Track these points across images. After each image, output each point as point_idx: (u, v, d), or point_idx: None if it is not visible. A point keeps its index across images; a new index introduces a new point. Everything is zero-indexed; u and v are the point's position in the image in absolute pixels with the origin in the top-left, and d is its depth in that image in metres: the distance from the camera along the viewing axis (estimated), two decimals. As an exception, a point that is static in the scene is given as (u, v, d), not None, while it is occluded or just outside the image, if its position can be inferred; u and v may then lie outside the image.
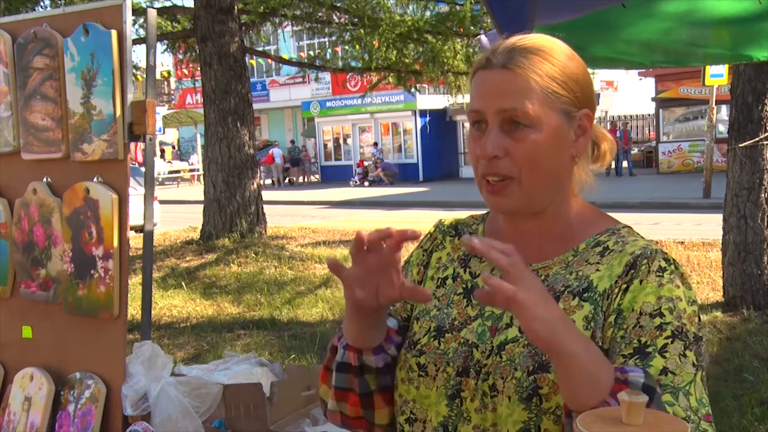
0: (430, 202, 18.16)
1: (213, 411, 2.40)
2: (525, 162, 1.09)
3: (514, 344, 1.09)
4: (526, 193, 1.11)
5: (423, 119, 25.91)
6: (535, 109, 1.07)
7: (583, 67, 1.14)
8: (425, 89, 22.48)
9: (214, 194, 10.95)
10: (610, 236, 1.16)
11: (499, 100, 1.08)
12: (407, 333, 1.23)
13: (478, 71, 1.12)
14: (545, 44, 1.11)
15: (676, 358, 1.02)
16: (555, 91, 1.09)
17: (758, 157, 6.00)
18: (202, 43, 10.75)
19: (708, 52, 3.88)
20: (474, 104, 1.11)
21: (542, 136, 1.08)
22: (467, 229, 1.29)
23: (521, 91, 1.07)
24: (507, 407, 1.07)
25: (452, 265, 1.24)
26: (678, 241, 9.77)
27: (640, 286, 1.07)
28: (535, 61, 1.08)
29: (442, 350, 1.15)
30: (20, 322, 2.53)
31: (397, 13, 12.07)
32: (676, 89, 21.13)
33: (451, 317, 1.18)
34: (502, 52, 1.10)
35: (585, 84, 1.13)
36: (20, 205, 2.49)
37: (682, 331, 1.04)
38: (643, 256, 1.09)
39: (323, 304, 7.46)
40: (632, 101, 38.73)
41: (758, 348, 5.23)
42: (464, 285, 1.21)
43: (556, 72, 1.09)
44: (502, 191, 1.11)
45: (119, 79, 2.25)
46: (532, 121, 1.07)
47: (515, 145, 1.08)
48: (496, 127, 1.09)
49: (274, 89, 31.50)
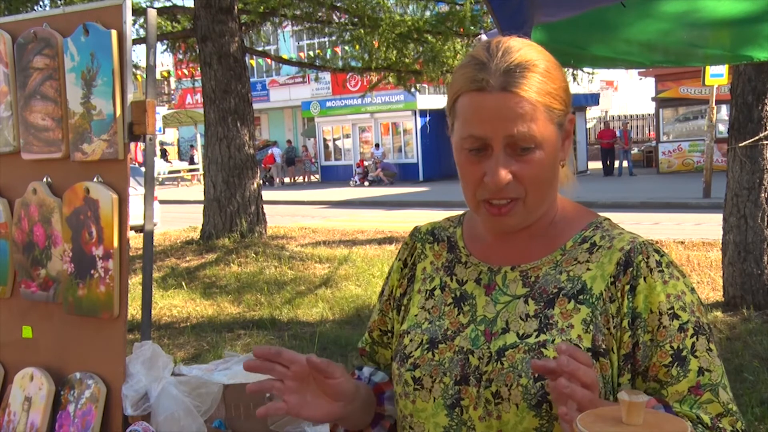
0: (430, 202, 18.15)
1: (213, 411, 2.40)
2: (531, 182, 1.08)
3: (514, 350, 1.08)
4: (530, 210, 1.11)
5: (423, 119, 25.90)
6: (539, 129, 1.06)
7: (563, 72, 1.15)
8: (425, 89, 22.47)
9: (214, 194, 10.95)
10: (595, 230, 1.16)
11: (504, 126, 1.05)
12: (396, 347, 1.23)
13: (472, 93, 1.07)
14: (533, 57, 1.08)
15: (706, 354, 1.05)
16: (553, 107, 1.08)
17: (758, 157, 6.00)
18: (202, 42, 10.74)
19: (708, 53, 3.88)
20: (476, 130, 1.07)
21: (545, 153, 1.08)
22: (444, 233, 1.27)
23: (526, 114, 1.05)
24: (515, 415, 1.06)
25: (438, 275, 1.23)
26: (678, 241, 9.77)
27: (647, 285, 1.08)
28: (534, 80, 1.06)
29: (437, 361, 1.14)
30: (20, 322, 2.53)
31: (397, 13, 12.07)
32: (676, 89, 21.12)
33: (443, 328, 1.16)
34: (497, 74, 1.06)
35: (568, 89, 1.13)
36: (20, 205, 2.49)
37: (700, 325, 1.07)
38: (635, 252, 1.10)
39: (323, 304, 7.46)
40: (632, 101, 38.77)
41: (758, 348, 5.23)
42: (453, 294, 1.19)
43: (551, 87, 1.08)
44: (509, 212, 1.10)
45: (119, 79, 2.25)
46: (537, 142, 1.07)
47: (522, 167, 1.07)
48: (501, 151, 1.07)
49: (274, 89, 31.50)
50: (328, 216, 16.64)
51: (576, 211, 1.20)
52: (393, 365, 1.21)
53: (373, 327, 1.33)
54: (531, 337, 1.08)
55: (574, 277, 1.11)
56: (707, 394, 1.03)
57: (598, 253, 1.12)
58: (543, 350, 1.06)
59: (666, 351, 1.05)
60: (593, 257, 1.12)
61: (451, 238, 1.26)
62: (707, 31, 3.51)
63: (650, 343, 1.06)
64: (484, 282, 1.17)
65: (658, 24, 3.42)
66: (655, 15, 3.32)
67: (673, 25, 3.41)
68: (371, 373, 1.30)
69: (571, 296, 1.10)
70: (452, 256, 1.23)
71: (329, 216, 16.64)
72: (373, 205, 18.89)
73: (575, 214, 1.20)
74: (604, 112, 35.65)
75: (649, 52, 3.71)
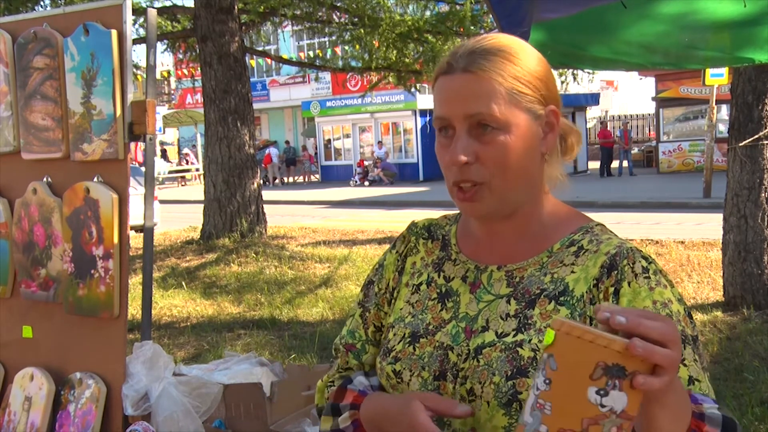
0: (430, 201, 18.14)
1: (213, 411, 2.40)
2: (495, 165, 1.08)
3: (491, 348, 1.08)
4: (498, 197, 1.10)
5: (423, 119, 25.89)
6: (501, 110, 1.06)
7: (545, 65, 1.13)
8: (425, 89, 22.41)
9: (214, 194, 10.96)
10: (584, 235, 1.15)
11: (464, 105, 1.07)
12: (382, 341, 1.22)
13: (440, 76, 1.11)
14: (506, 44, 1.10)
15: (693, 364, 1.02)
16: (519, 91, 1.08)
17: (758, 157, 5.99)
18: (202, 42, 10.74)
19: (707, 55, 3.87)
20: (439, 111, 1.10)
21: (511, 137, 1.07)
22: (440, 232, 1.27)
23: (486, 93, 1.06)
24: (486, 412, 1.06)
25: (426, 271, 1.23)
26: (678, 240, 9.77)
27: (631, 290, 1.06)
28: (497, 62, 1.07)
29: (417, 355, 1.14)
30: (20, 321, 2.53)
31: (397, 12, 12.07)
32: (676, 89, 21.12)
33: (425, 322, 1.17)
34: (462, 56, 1.08)
35: (549, 81, 1.13)
36: (20, 205, 2.49)
37: (686, 336, 1.04)
38: (620, 256, 1.08)
39: (323, 303, 7.46)
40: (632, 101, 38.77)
41: (758, 347, 5.23)
42: (438, 290, 1.19)
43: (518, 71, 1.08)
44: (474, 197, 1.10)
45: (119, 79, 2.26)
46: (499, 123, 1.06)
47: (485, 148, 1.07)
48: (464, 132, 1.08)
49: (274, 89, 31.50)
50: (328, 216, 16.64)
51: (568, 215, 1.19)
52: (377, 359, 1.21)
53: (368, 323, 1.27)
54: (509, 336, 1.08)
55: (558, 279, 1.10)
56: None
57: (584, 256, 1.11)
58: (519, 349, 1.05)
59: None
60: (579, 260, 1.11)
61: (446, 236, 1.26)
62: (707, 33, 3.51)
63: None
64: (470, 280, 1.17)
65: (658, 26, 3.42)
66: (654, 17, 3.32)
67: (672, 26, 3.41)
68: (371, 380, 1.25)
69: (552, 297, 1.09)
70: (443, 254, 1.23)
71: (329, 216, 16.64)
72: (373, 205, 18.89)
73: (567, 217, 1.18)
74: (605, 112, 35.65)
75: (649, 53, 3.71)
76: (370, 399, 1.17)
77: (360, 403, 1.18)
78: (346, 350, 1.28)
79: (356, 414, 1.18)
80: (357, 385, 1.23)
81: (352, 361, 1.28)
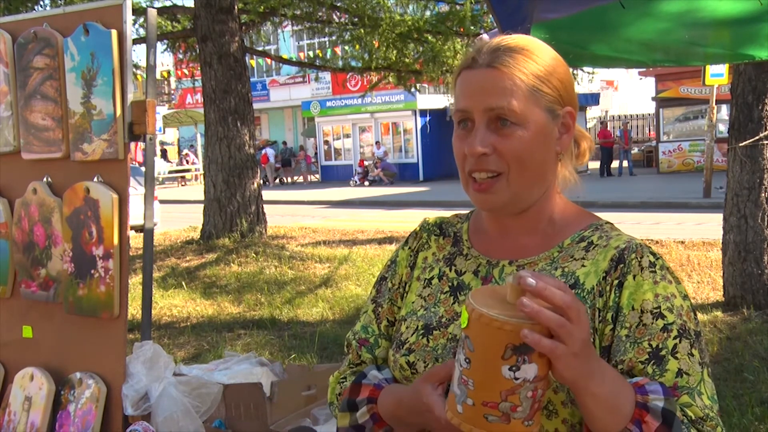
0: (430, 201, 18.15)
1: (213, 411, 2.40)
2: (513, 158, 1.10)
3: None
4: (513, 190, 1.13)
5: (423, 119, 25.90)
6: (520, 106, 1.09)
7: (565, 67, 1.17)
8: (425, 89, 22.48)
9: (214, 194, 10.95)
10: (594, 231, 1.18)
11: (485, 99, 1.10)
12: (394, 334, 1.25)
13: (464, 71, 1.14)
14: (529, 44, 1.14)
15: (686, 358, 1.05)
16: (539, 89, 1.11)
17: (758, 157, 5.99)
18: (202, 42, 10.74)
19: (708, 52, 3.88)
20: (460, 103, 1.13)
21: (528, 133, 1.10)
22: (451, 229, 1.30)
23: (507, 89, 1.09)
24: None
25: (438, 265, 1.26)
26: (678, 240, 9.76)
27: (635, 283, 1.09)
28: (520, 60, 1.11)
29: (431, 347, 1.17)
30: (20, 321, 2.53)
31: (397, 12, 12.06)
32: (676, 89, 21.12)
33: (438, 315, 1.19)
34: (487, 52, 1.12)
35: (568, 83, 1.16)
36: (20, 205, 2.49)
37: (685, 329, 1.07)
38: (629, 250, 1.11)
39: (323, 303, 7.45)
40: (632, 101, 38.75)
41: (758, 347, 5.23)
42: (450, 283, 1.22)
43: (540, 70, 1.11)
44: (490, 188, 1.12)
45: (119, 79, 2.25)
46: (518, 119, 1.09)
47: (502, 141, 1.10)
48: (482, 125, 1.11)
49: (274, 89, 31.49)
50: (328, 216, 16.64)
51: (578, 213, 1.22)
52: (390, 352, 1.23)
53: (381, 317, 1.29)
54: None
55: (568, 273, 1.13)
56: (685, 396, 1.03)
57: (594, 251, 1.14)
58: None
59: (644, 348, 1.05)
60: (589, 255, 1.14)
61: (457, 233, 1.29)
62: (708, 30, 3.51)
63: (625, 338, 1.06)
64: (482, 274, 1.20)
65: (659, 23, 3.42)
66: (656, 14, 3.33)
67: (673, 24, 3.41)
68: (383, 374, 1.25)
69: None
70: (455, 249, 1.26)
71: (329, 216, 16.64)
72: (373, 205, 18.89)
73: (577, 215, 1.22)
74: (605, 112, 35.65)
75: (650, 51, 3.71)
76: (387, 391, 1.19)
77: (376, 396, 1.20)
78: (359, 344, 1.30)
79: (374, 407, 1.20)
80: (371, 379, 1.24)
81: (365, 355, 1.29)
